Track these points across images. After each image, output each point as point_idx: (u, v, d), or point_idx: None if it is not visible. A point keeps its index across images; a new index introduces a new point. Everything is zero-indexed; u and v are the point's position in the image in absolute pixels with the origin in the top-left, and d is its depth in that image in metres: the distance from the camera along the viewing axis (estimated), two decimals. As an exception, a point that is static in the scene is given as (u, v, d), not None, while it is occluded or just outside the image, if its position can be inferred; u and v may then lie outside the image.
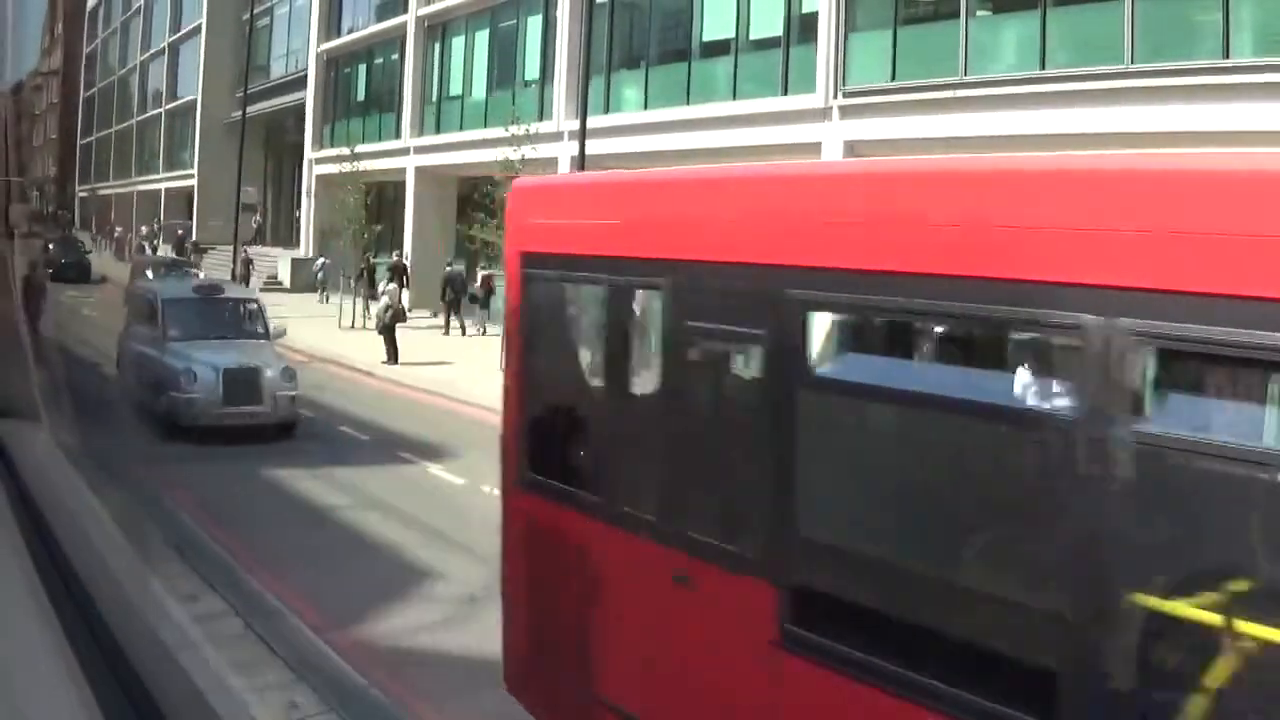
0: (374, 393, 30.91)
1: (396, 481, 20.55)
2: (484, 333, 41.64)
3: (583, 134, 29.17)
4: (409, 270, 46.51)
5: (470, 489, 19.70)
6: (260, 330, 27.32)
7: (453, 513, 18.26)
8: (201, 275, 43.79)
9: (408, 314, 39.43)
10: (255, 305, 28.31)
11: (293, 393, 24.83)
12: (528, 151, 35.42)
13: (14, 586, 2.44)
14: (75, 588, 2.58)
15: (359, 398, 29.85)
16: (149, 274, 42.71)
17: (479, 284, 43.36)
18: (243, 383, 24.25)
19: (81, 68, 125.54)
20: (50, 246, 62.33)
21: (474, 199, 38.44)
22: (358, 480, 20.43)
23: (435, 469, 21.44)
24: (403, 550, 16.07)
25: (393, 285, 38.20)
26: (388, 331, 34.80)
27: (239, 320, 27.42)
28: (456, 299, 43.95)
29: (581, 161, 29.63)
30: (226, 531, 15.69)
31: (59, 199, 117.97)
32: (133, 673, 2.29)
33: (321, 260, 61.27)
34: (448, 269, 45.69)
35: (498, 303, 43.38)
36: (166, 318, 25.98)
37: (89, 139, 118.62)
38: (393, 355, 34.42)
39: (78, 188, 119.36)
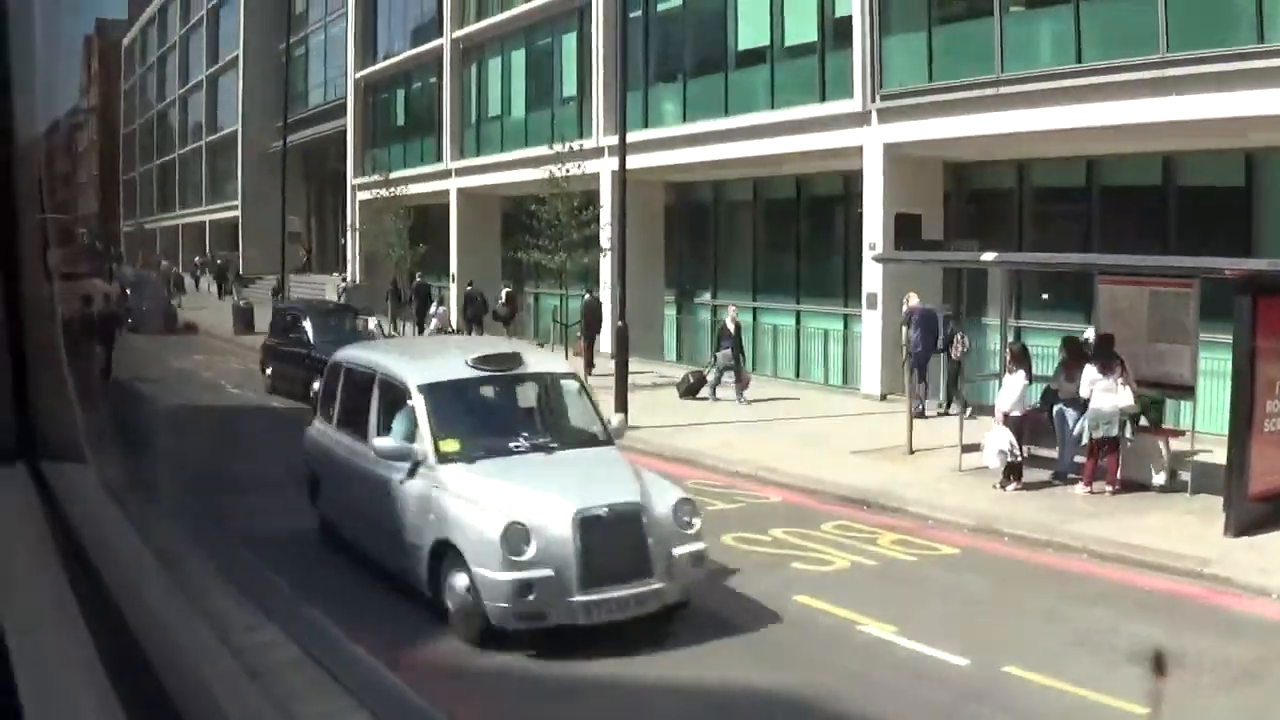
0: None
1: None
2: None
3: (622, 150, 29.18)
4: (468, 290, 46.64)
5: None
6: (596, 429, 15.77)
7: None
8: (371, 323, 39.19)
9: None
10: (576, 384, 16.67)
11: (697, 546, 13.76)
12: (570, 169, 35.65)
13: (61, 629, 2.45)
14: (122, 631, 2.57)
15: None
16: (308, 325, 33.11)
17: (502, 301, 43.60)
18: (615, 539, 13.19)
19: (120, 103, 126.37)
20: (127, 291, 55.19)
21: (519, 219, 38.64)
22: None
23: None
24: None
25: (443, 308, 38.38)
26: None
27: (556, 415, 16.44)
28: (478, 316, 44.30)
29: (622, 177, 29.66)
30: (282, 558, 15.63)
31: (104, 235, 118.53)
32: (177, 714, 2.31)
33: (343, 284, 62.04)
34: (467, 288, 46.17)
35: (525, 319, 43.97)
36: (436, 421, 14.48)
37: (131, 174, 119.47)
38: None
39: (122, 223, 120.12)
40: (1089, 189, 29.78)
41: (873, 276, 30.99)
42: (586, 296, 40.23)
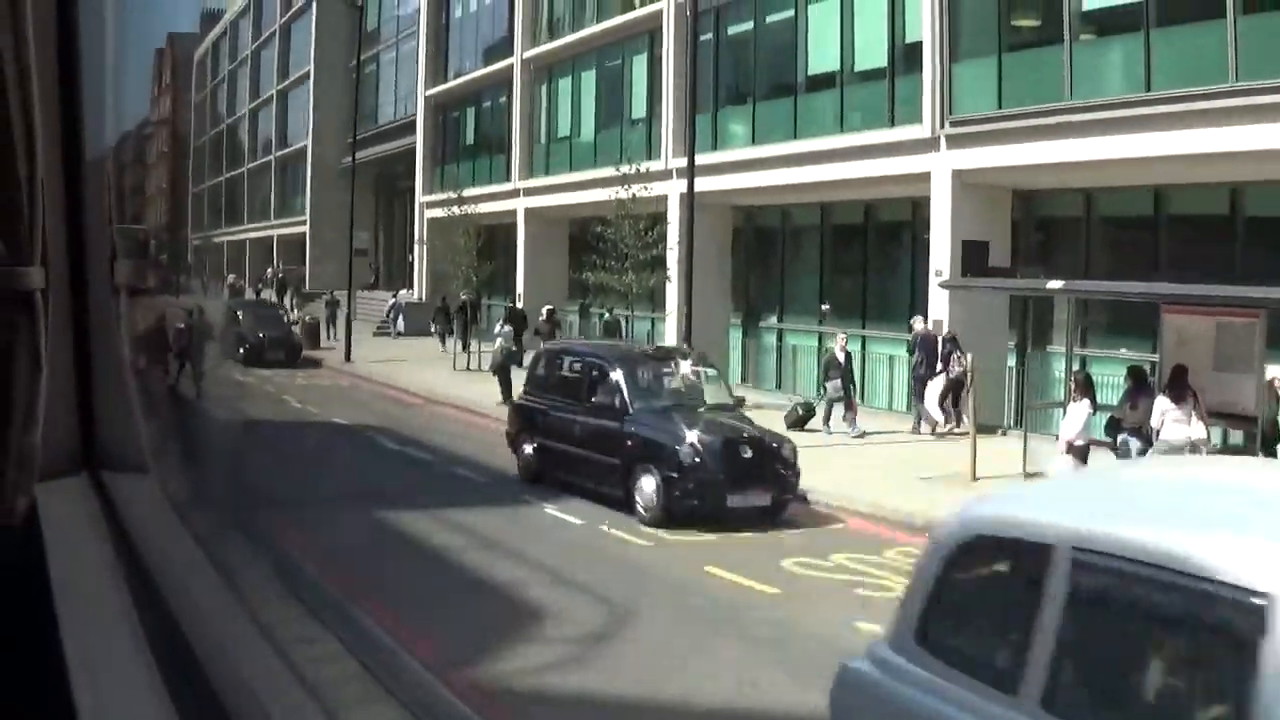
0: (490, 433, 31.03)
1: (513, 522, 20.55)
2: None
3: (691, 172, 29.42)
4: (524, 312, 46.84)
5: (588, 529, 19.82)
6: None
7: (571, 552, 18.30)
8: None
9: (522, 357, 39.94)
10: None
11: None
12: (638, 190, 35.76)
13: (118, 638, 2.49)
14: (179, 641, 2.60)
15: (474, 439, 29.79)
16: (619, 379, 29.65)
17: (543, 318, 43.90)
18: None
19: (190, 117, 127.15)
20: (239, 315, 48.64)
21: (586, 240, 38.80)
22: (474, 521, 20.35)
23: (552, 509, 21.26)
24: (521, 589, 16.01)
25: (508, 328, 38.52)
26: (502, 371, 34.99)
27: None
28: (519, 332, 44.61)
29: (690, 199, 29.84)
30: (343, 574, 15.79)
31: (172, 248, 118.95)
32: None
33: (393, 301, 62.44)
34: (506, 307, 47.27)
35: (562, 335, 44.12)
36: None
37: (200, 187, 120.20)
38: (507, 396, 34.58)
39: (191, 235, 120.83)
40: (1156, 218, 29.72)
41: (939, 303, 30.97)
42: (606, 315, 40.96)
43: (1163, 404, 19.85)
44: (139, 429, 3.49)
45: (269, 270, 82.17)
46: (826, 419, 30.13)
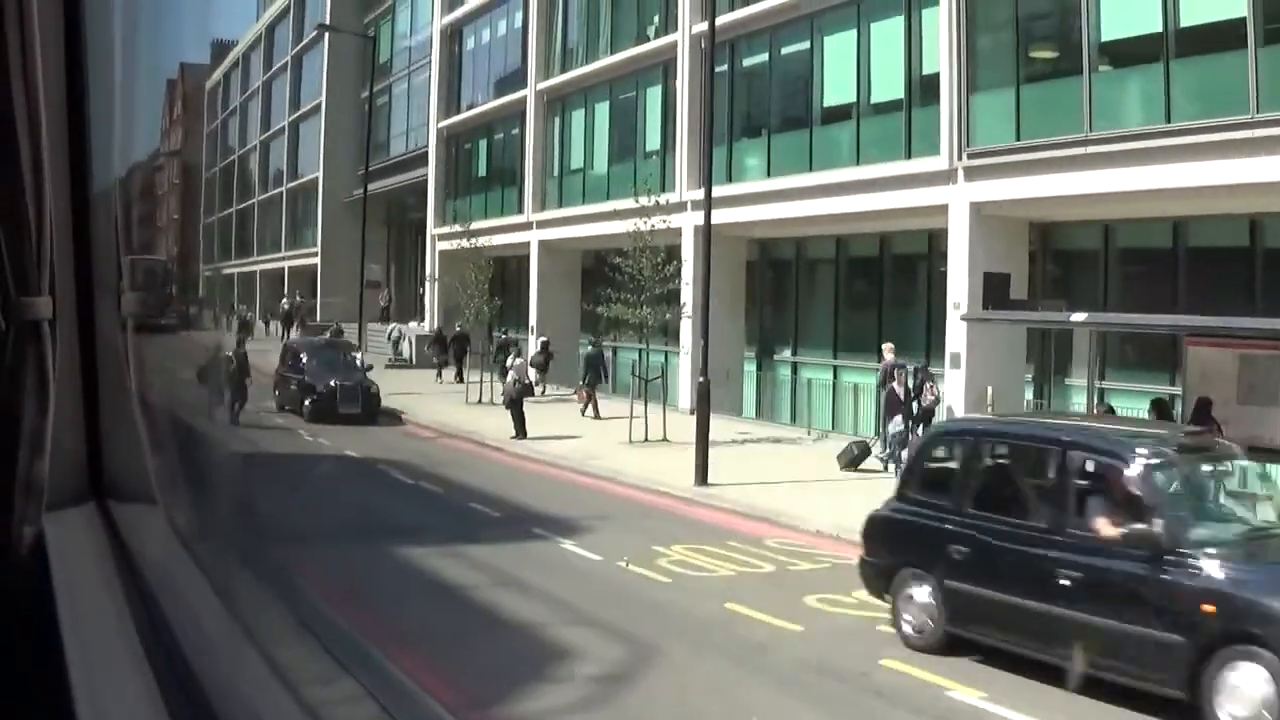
0: (504, 468, 30.82)
1: (530, 558, 20.14)
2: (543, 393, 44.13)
3: (708, 204, 29.21)
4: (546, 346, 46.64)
5: (605, 565, 19.49)
6: None
7: (589, 590, 18.04)
8: None
9: (534, 388, 39.79)
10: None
11: None
12: (656, 223, 35.36)
13: (124, 668, 2.48)
14: (185, 674, 2.59)
15: (488, 473, 29.63)
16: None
17: (538, 350, 43.83)
18: None
19: (202, 147, 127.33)
20: (302, 359, 42.52)
21: (602, 273, 38.60)
22: (491, 557, 20.06)
23: (569, 545, 20.96)
24: (540, 629, 15.74)
25: (520, 360, 38.37)
26: (515, 406, 34.82)
27: None
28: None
29: (707, 232, 29.61)
30: (358, 611, 15.56)
31: (182, 279, 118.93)
32: None
33: (395, 326, 62.46)
34: (501, 336, 48.12)
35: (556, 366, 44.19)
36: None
37: (210, 218, 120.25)
38: (520, 429, 34.42)
39: (201, 267, 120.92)
40: (1175, 250, 29.55)
41: (956, 336, 30.77)
42: (590, 347, 41.84)
43: (1186, 438, 19.62)
44: (146, 460, 3.48)
45: (285, 301, 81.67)
46: (892, 458, 28.40)
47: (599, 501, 26.07)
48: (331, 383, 39.69)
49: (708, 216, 28.81)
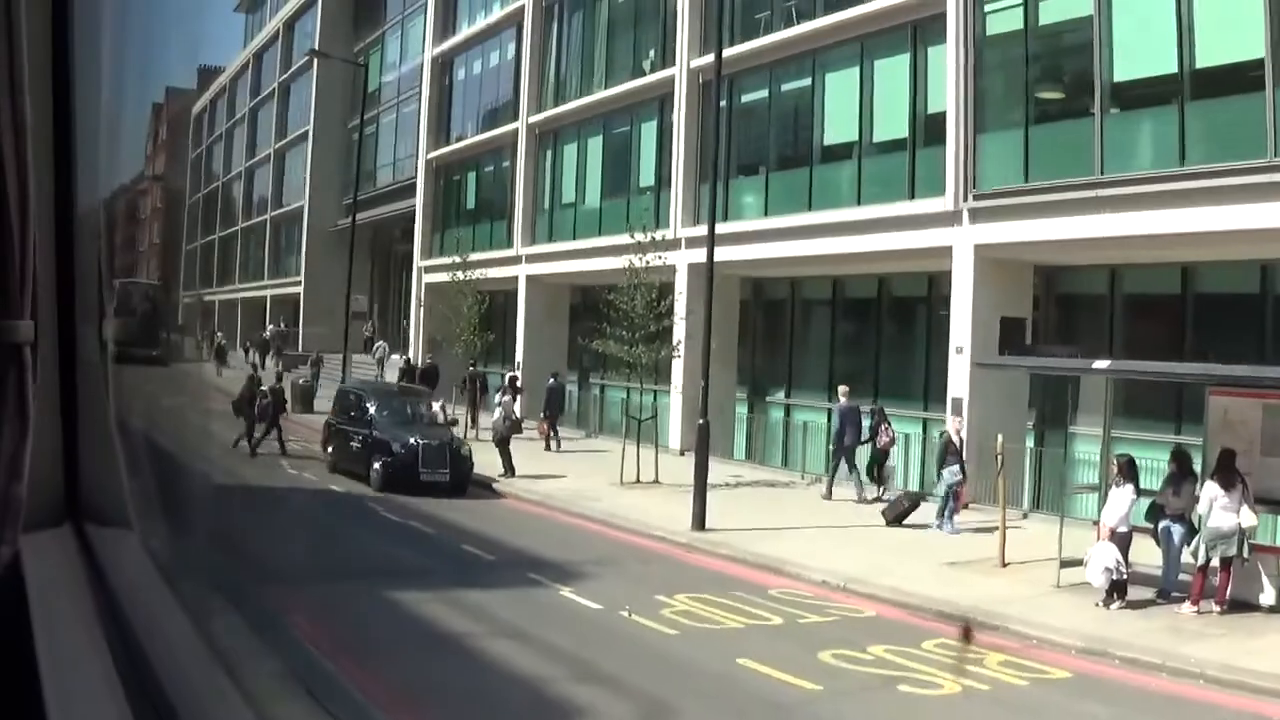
0: (493, 507, 30.02)
1: (528, 606, 19.31)
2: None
3: (711, 242, 28.50)
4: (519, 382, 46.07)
5: (608, 614, 18.64)
6: None
7: (592, 641, 17.23)
8: None
9: (523, 425, 38.95)
10: None
11: None
12: (652, 259, 34.53)
13: (97, 688, 2.52)
14: (157, 695, 2.65)
15: (478, 513, 28.81)
16: None
17: (506, 381, 43.54)
18: None
19: (186, 173, 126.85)
20: (369, 408, 33.75)
21: (597, 308, 37.96)
22: (487, 604, 19.22)
23: (568, 592, 20.05)
24: (544, 684, 14.97)
25: (507, 397, 37.72)
26: (503, 444, 34.13)
27: None
28: (475, 398, 45.93)
29: (710, 270, 28.88)
30: (345, 659, 14.78)
31: (164, 305, 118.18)
32: None
33: (382, 344, 61.96)
34: (469, 369, 47.10)
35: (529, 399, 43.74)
36: None
37: (193, 244, 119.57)
38: (509, 468, 33.69)
39: (182, 294, 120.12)
40: (1184, 296, 29.08)
41: (958, 381, 30.21)
42: (551, 380, 41.94)
43: (1211, 490, 19.08)
44: (123, 484, 3.55)
45: (270, 328, 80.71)
46: (942, 512, 27.18)
47: (595, 545, 25.29)
48: (411, 440, 31.32)
49: (710, 254, 28.13)
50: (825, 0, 36.56)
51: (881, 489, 31.29)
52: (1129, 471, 20.48)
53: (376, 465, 31.15)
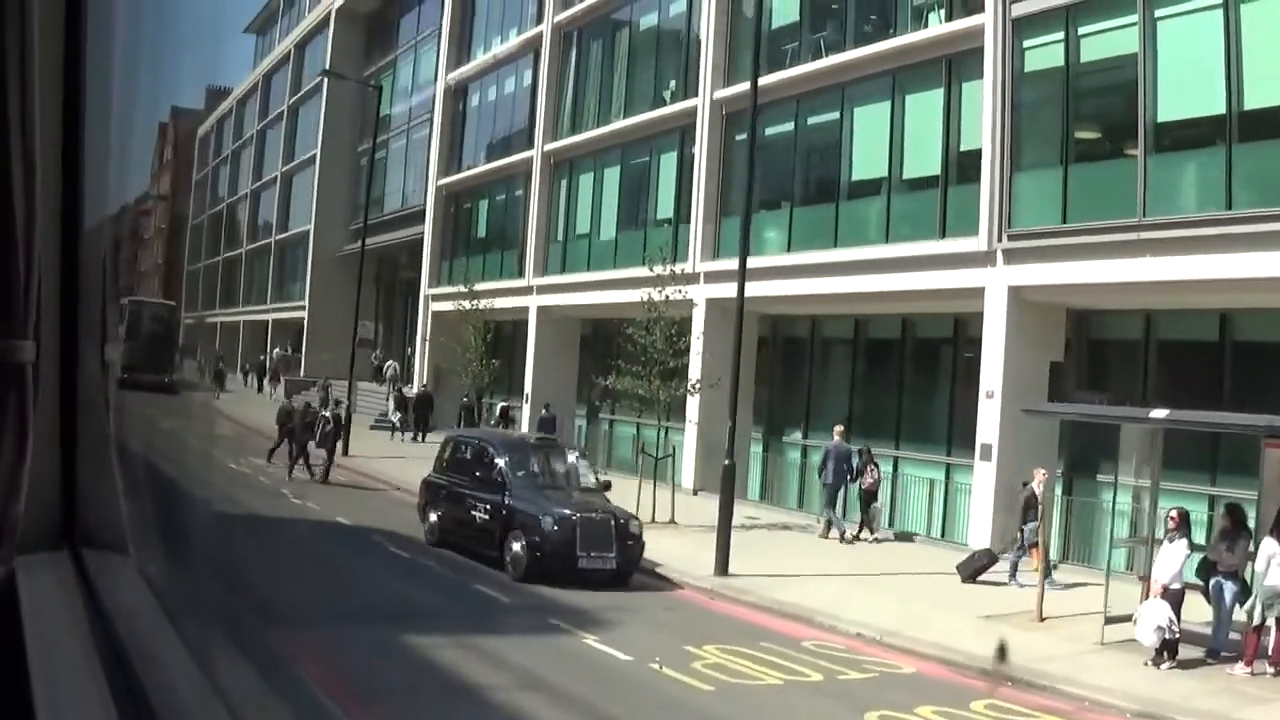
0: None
1: (554, 656, 18.21)
2: None
3: (742, 276, 27.54)
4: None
5: (638, 666, 17.66)
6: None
7: (626, 697, 16.30)
8: None
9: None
10: None
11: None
12: (672, 293, 33.53)
13: (92, 713, 2.53)
14: (149, 717, 2.66)
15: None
16: None
17: (498, 414, 42.68)
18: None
19: (191, 194, 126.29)
20: (498, 465, 25.99)
21: (608, 341, 37.14)
22: (509, 652, 18.14)
23: (594, 640, 18.92)
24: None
25: (513, 427, 37.01)
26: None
27: None
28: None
29: (740, 304, 27.84)
30: (355, 708, 13.81)
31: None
32: None
33: (391, 363, 61.21)
34: (464, 399, 47.50)
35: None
36: None
37: (196, 266, 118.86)
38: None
39: (184, 315, 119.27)
40: (1221, 344, 28.21)
41: (988, 426, 29.39)
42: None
43: (1270, 547, 18.25)
44: (121, 509, 3.57)
45: (276, 352, 79.59)
46: (1016, 567, 25.89)
47: (616, 590, 24.00)
48: (566, 513, 24.25)
49: (741, 288, 27.22)
50: (857, 33, 35.79)
51: (869, 529, 31.44)
52: (1184, 525, 19.63)
53: (517, 547, 24.03)
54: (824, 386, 39.17)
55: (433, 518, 27.43)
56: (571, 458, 28.21)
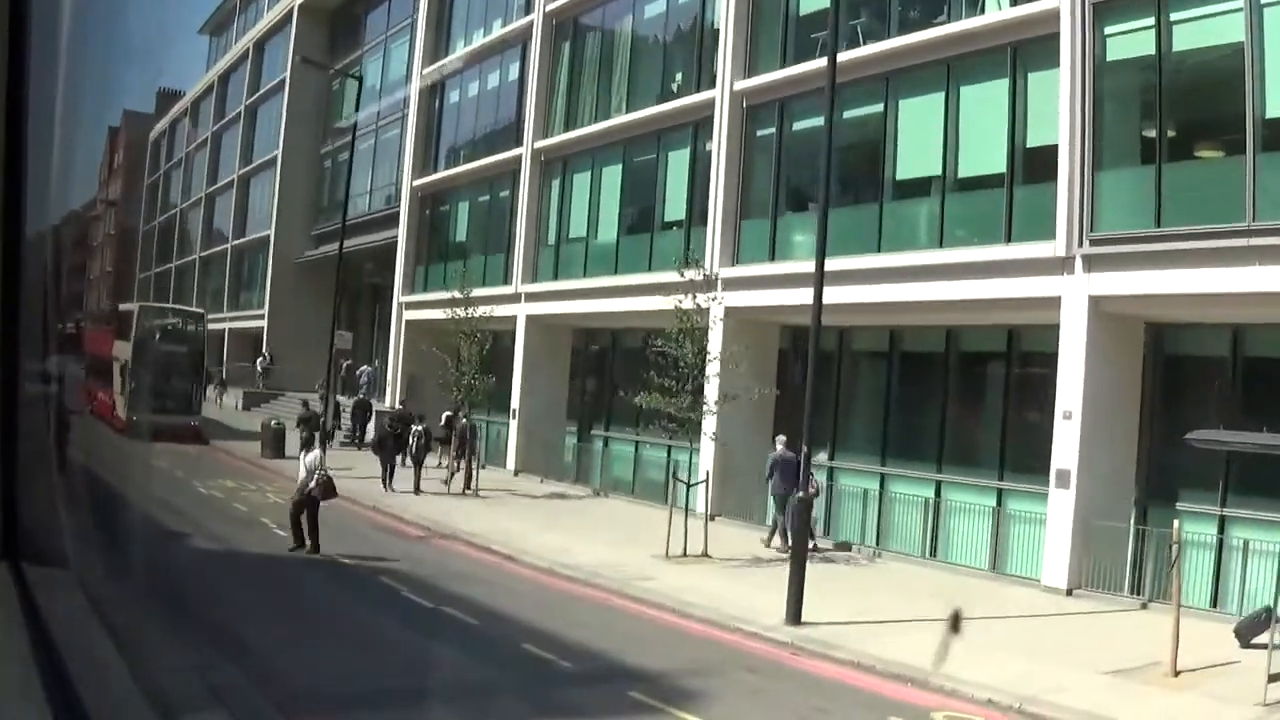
0: (536, 588, 25.53)
1: None
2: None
3: (819, 279, 24.64)
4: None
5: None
6: None
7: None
8: None
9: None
10: None
11: None
12: (679, 302, 30.50)
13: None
14: None
15: (522, 595, 24.10)
16: None
17: (442, 424, 42.76)
18: None
19: (142, 199, 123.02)
20: None
21: (603, 352, 34.55)
22: None
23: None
24: None
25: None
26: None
27: None
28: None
29: (817, 313, 24.81)
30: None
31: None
32: None
33: (365, 368, 58.62)
34: (397, 407, 46.73)
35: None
36: None
37: (147, 273, 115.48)
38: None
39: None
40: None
41: (1065, 450, 26.52)
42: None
43: None
44: (62, 523, 3.71)
45: (259, 360, 75.11)
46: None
47: (681, 645, 20.63)
48: None
49: (818, 296, 24.36)
50: (901, 18, 32.81)
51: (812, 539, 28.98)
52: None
53: None
54: (854, 404, 36.05)
55: None
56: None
